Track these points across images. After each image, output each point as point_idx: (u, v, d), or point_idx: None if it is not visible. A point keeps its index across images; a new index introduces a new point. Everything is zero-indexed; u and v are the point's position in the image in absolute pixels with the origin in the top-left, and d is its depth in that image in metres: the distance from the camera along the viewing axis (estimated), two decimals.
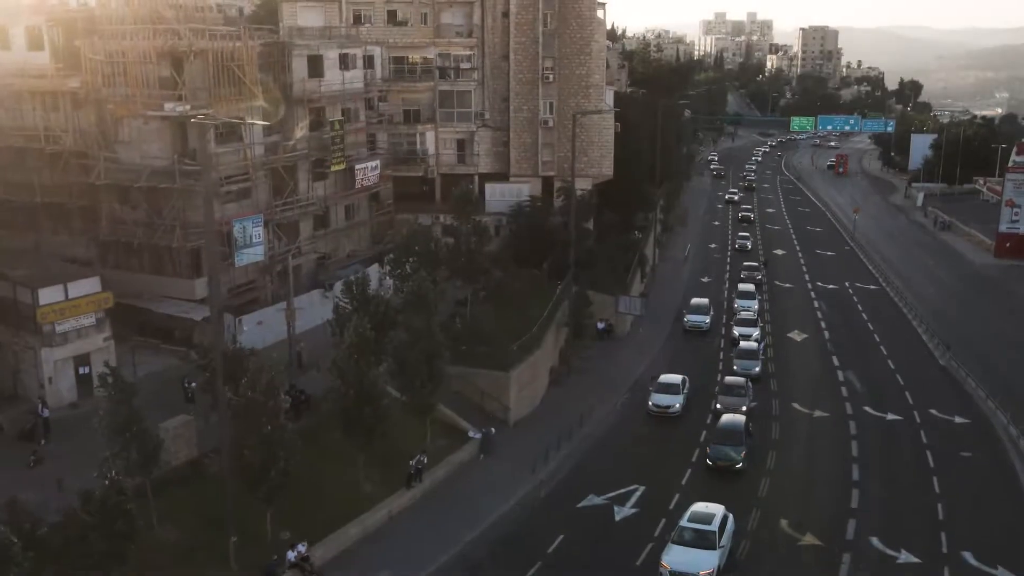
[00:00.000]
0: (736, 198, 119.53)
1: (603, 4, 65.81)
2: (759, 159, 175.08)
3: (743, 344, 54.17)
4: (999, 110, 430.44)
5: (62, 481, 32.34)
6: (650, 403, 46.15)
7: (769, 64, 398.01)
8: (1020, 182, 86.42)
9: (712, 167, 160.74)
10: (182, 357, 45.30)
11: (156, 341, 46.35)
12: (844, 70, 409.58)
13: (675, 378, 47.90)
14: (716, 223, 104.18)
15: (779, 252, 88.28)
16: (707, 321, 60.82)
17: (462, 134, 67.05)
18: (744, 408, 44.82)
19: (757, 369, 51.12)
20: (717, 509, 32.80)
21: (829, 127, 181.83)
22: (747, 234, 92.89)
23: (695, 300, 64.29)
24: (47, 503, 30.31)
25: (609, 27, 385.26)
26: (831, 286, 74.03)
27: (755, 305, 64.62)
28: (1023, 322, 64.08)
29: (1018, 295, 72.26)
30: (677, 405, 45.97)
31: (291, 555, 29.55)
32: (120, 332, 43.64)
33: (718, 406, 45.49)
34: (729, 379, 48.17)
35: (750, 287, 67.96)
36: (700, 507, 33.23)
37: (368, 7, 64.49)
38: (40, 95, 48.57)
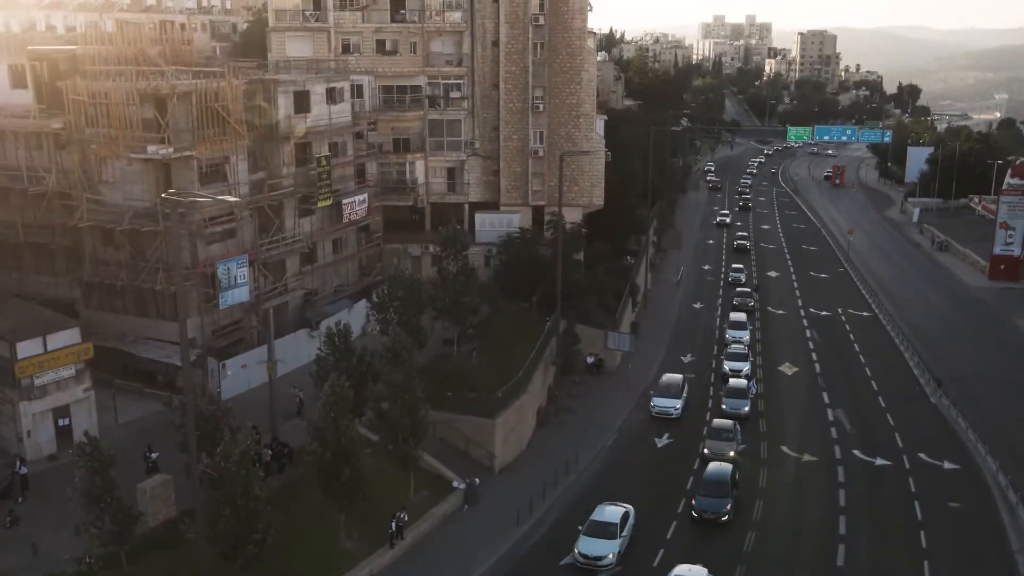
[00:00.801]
0: (728, 220, 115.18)
1: (594, 33, 65.38)
2: (755, 170, 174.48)
3: (732, 382, 53.81)
4: (997, 114, 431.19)
5: (37, 546, 32.11)
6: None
7: (768, 68, 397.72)
8: (1014, 204, 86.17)
9: (708, 178, 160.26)
10: (165, 403, 44.94)
11: (139, 385, 46.10)
12: (843, 74, 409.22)
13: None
14: (711, 241, 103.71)
15: (773, 274, 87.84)
16: (677, 407, 51.01)
17: (452, 163, 66.63)
18: (732, 453, 44.49)
19: (746, 409, 50.75)
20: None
21: (826, 137, 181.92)
22: (741, 266, 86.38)
23: (666, 378, 54.01)
24: (21, 571, 30.13)
25: (607, 31, 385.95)
26: (824, 312, 73.65)
27: (746, 336, 64.27)
28: (1016, 354, 63.64)
29: (1011, 323, 71.85)
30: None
31: None
32: (102, 376, 43.40)
33: (705, 451, 45.13)
34: (717, 422, 47.78)
35: (742, 316, 67.57)
36: (683, 570, 32.94)
37: (357, 36, 63.99)
38: (23, 134, 48.23)
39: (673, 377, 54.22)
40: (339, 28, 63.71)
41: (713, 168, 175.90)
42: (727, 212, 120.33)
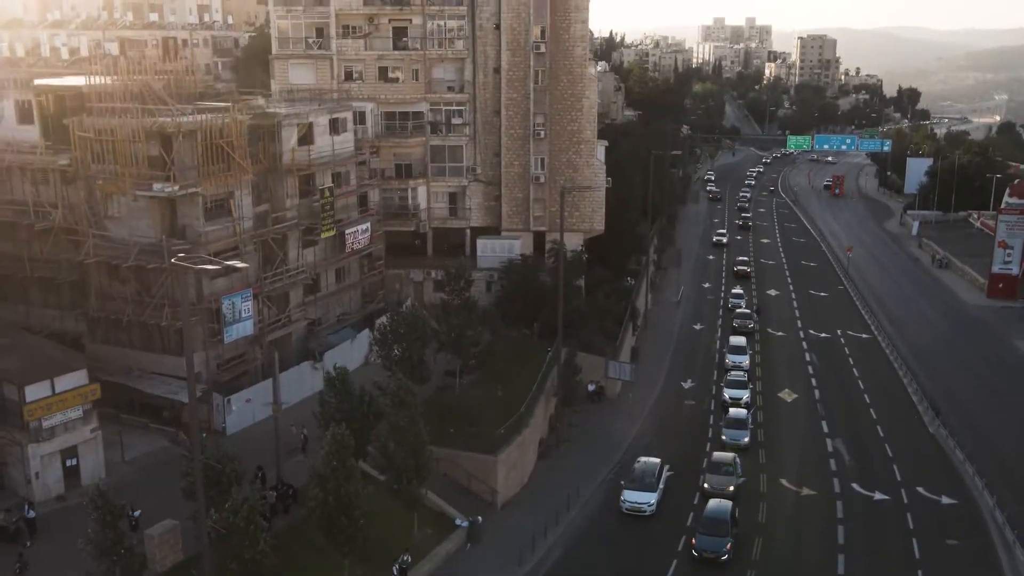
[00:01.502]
0: (725, 240, 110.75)
1: (594, 60, 65.81)
2: (754, 180, 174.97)
3: (732, 412, 54.26)
4: (997, 117, 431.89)
5: None
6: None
7: (767, 72, 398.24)
8: (1012, 223, 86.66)
9: (708, 188, 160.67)
10: (171, 438, 45.54)
11: (145, 420, 46.49)
12: (843, 77, 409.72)
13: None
14: (711, 257, 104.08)
15: (773, 293, 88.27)
16: (652, 502, 43.61)
17: (454, 188, 67.14)
18: (732, 488, 44.92)
19: (746, 440, 51.22)
20: None
21: (825, 146, 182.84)
22: (741, 291, 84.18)
23: (640, 462, 46.42)
24: None
25: (607, 34, 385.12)
26: (823, 334, 74.09)
27: (746, 361, 64.71)
28: (1014, 377, 64.07)
29: (1009, 343, 72.31)
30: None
31: None
32: (108, 411, 43.84)
33: (705, 485, 45.56)
34: (717, 455, 48.20)
35: (741, 340, 67.97)
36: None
37: (359, 63, 64.48)
38: (30, 170, 48.65)
39: (649, 463, 46.00)
40: (342, 55, 64.19)
41: (713, 177, 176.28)
42: (724, 232, 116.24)
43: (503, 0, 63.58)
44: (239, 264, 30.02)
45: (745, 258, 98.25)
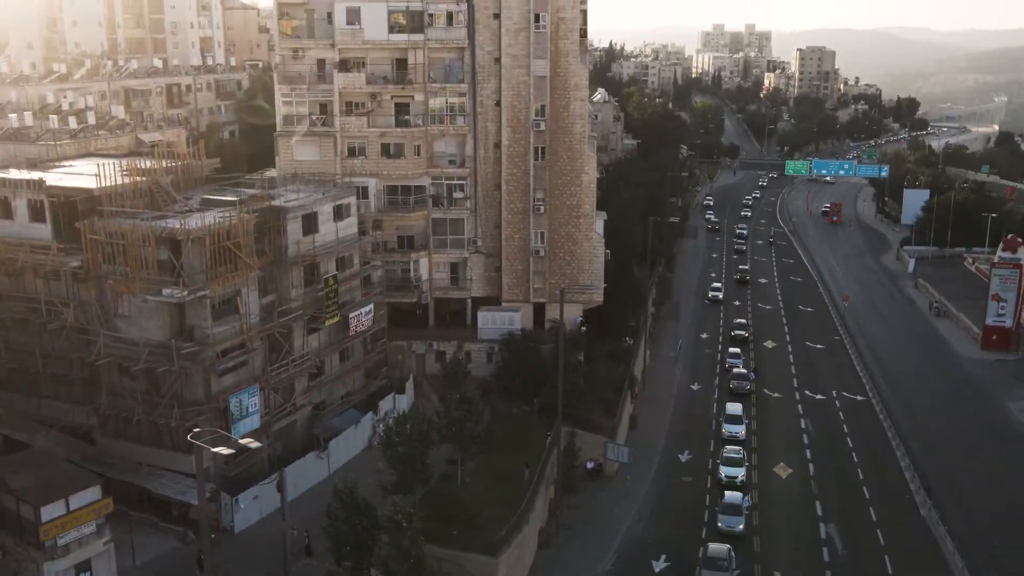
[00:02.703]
0: (721, 296, 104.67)
1: (595, 136, 66.97)
2: (751, 205, 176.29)
3: (728, 496, 55.39)
4: (995, 126, 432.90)
5: None
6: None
7: (767, 82, 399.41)
8: (1006, 277, 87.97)
9: (707, 216, 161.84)
10: (180, 537, 46.79)
11: (155, 518, 47.69)
12: (842, 86, 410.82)
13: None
14: (709, 299, 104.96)
15: (770, 345, 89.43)
16: None
17: (455, 258, 68.32)
18: None
19: (741, 527, 52.39)
20: None
21: (823, 171, 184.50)
22: (739, 350, 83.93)
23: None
24: None
25: (607, 44, 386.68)
26: (819, 396, 75.30)
27: (742, 431, 65.89)
28: (1005, 451, 65.14)
29: (1001, 408, 73.41)
30: None
31: None
32: (117, 508, 44.91)
33: None
34: (712, 549, 49.21)
35: (737, 409, 69.03)
36: None
37: (362, 140, 65.60)
38: (42, 268, 49.86)
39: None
40: (345, 133, 65.31)
41: (712, 202, 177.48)
42: (720, 287, 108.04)
43: (503, 78, 64.75)
44: (253, 444, 31.14)
45: (743, 320, 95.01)
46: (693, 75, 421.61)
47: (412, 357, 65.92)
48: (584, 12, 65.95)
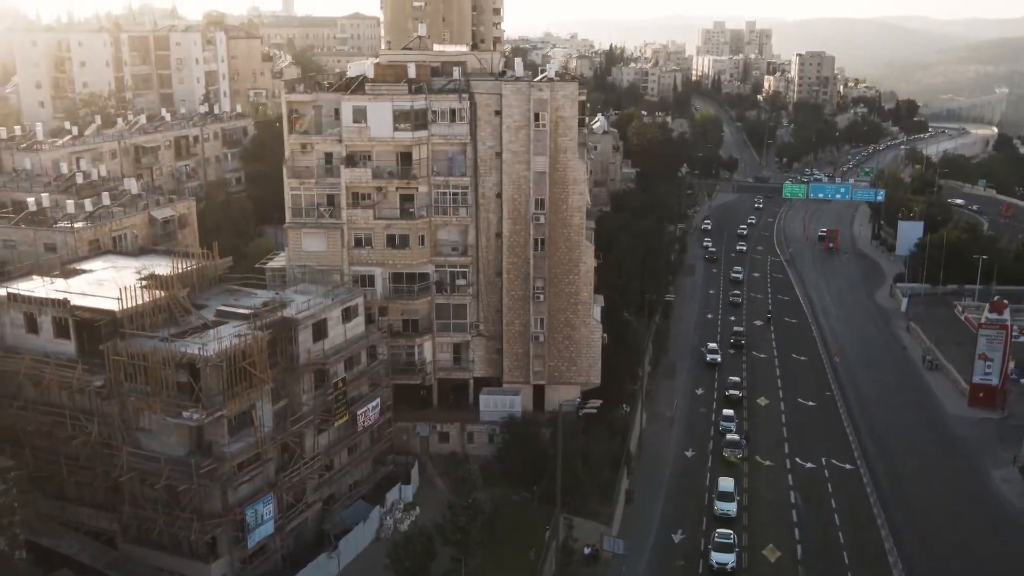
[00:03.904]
0: (719, 359, 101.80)
1: (593, 228, 69.51)
2: (747, 231, 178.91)
3: None
4: (994, 129, 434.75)
5: None
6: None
7: (767, 85, 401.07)
8: (992, 338, 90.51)
9: (704, 243, 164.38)
10: None
11: None
12: (841, 89, 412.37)
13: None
14: (705, 362, 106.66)
15: (762, 401, 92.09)
16: None
17: (458, 340, 70.97)
18: None
19: None
20: None
21: (820, 195, 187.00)
22: (732, 413, 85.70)
23: None
24: None
25: (607, 47, 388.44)
26: (809, 464, 78.03)
27: (734, 508, 68.59)
28: (987, 530, 67.73)
29: (985, 475, 76.13)
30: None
31: None
32: None
33: None
34: None
35: (729, 485, 71.58)
36: None
37: (368, 231, 68.12)
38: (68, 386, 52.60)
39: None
40: (352, 224, 67.85)
41: (710, 226, 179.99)
42: (717, 349, 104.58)
43: (505, 173, 67.30)
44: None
45: (737, 379, 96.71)
46: (693, 78, 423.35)
47: (416, 438, 68.65)
48: (583, 103, 68.42)
